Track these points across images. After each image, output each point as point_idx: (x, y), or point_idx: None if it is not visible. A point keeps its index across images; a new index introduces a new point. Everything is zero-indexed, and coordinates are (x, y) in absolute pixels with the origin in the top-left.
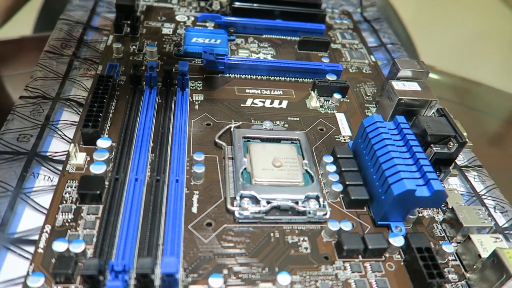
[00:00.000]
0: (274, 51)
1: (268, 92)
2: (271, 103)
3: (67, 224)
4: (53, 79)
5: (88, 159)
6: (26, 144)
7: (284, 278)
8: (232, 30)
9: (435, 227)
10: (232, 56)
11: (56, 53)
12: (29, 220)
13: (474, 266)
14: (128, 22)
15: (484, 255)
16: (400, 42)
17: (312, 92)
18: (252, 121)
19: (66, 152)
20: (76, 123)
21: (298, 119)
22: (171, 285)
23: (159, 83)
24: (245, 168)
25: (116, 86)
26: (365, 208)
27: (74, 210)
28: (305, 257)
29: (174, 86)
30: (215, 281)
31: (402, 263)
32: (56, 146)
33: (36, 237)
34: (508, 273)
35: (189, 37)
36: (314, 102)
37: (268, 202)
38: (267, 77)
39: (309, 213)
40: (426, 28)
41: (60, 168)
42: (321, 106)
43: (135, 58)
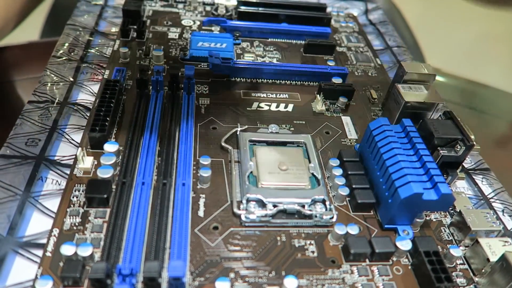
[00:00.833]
0: (280, 55)
1: (274, 96)
2: (277, 107)
3: (75, 228)
4: (61, 84)
5: (96, 163)
6: (35, 149)
7: (291, 282)
8: (238, 34)
9: (443, 231)
10: (238, 60)
11: (64, 58)
12: (38, 224)
13: (483, 270)
14: (135, 27)
15: (493, 259)
16: (406, 45)
17: (318, 96)
18: (258, 125)
19: (74, 156)
20: (84, 127)
21: (304, 123)
22: None
23: (166, 87)
24: (251, 172)
25: (123, 91)
26: (372, 212)
27: (82, 214)
28: (312, 261)
29: (180, 90)
30: (222, 285)
31: (410, 267)
32: (64, 150)
33: (44, 241)
34: None
35: (195, 41)
36: (320, 106)
37: (275, 206)
38: (273, 81)
39: (316, 217)
40: (432, 31)
41: (68, 172)
42: (327, 110)
43: (142, 63)
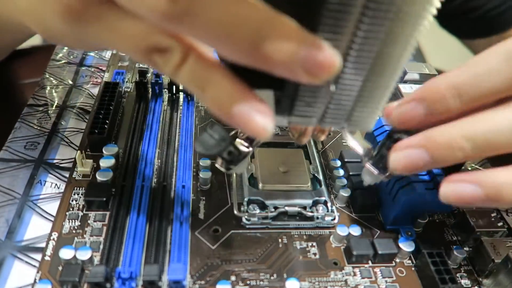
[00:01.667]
0: None
1: None
2: None
3: (74, 231)
4: (60, 87)
5: (95, 166)
6: (33, 152)
7: (293, 285)
8: None
9: (446, 232)
10: None
11: (63, 62)
12: (36, 228)
13: (487, 271)
14: None
15: (498, 260)
16: None
17: None
18: None
19: (73, 159)
20: (83, 130)
21: None
22: None
23: (165, 90)
24: (252, 174)
25: (123, 93)
26: (374, 213)
27: (81, 217)
28: (314, 263)
29: (180, 92)
30: None
31: (413, 269)
32: (63, 154)
33: (43, 245)
34: None
35: None
36: None
37: (276, 208)
38: None
39: (317, 218)
40: (433, 31)
41: (67, 175)
42: None
43: (141, 65)
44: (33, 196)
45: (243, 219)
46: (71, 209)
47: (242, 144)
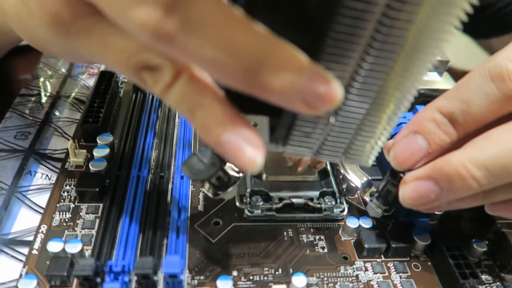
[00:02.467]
0: None
1: None
2: None
3: (65, 224)
4: (55, 78)
5: (89, 157)
6: (24, 142)
7: (300, 280)
8: None
9: (464, 225)
10: None
11: None
12: (24, 220)
13: (510, 266)
14: None
15: None
16: None
17: None
18: None
19: (66, 150)
20: (78, 121)
21: None
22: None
23: None
24: None
25: (120, 84)
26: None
27: (72, 209)
28: (322, 257)
29: None
30: (224, 284)
31: (429, 263)
32: (56, 144)
33: (31, 238)
34: None
35: None
36: None
37: (280, 199)
38: None
39: (325, 210)
40: None
41: (59, 166)
42: None
43: None
44: (22, 188)
45: (246, 211)
46: (62, 201)
47: (233, 169)
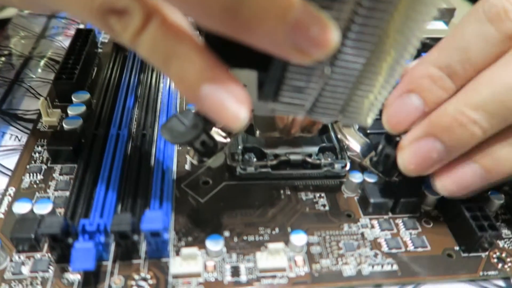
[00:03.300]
0: None
1: None
2: None
3: (35, 186)
4: (28, 39)
5: (64, 117)
6: None
7: (299, 238)
8: None
9: None
10: None
11: (33, 14)
12: None
13: None
14: None
15: None
16: None
17: None
18: None
19: (39, 111)
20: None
21: None
22: (159, 249)
23: None
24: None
25: (99, 44)
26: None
27: (45, 171)
28: (323, 215)
29: None
30: (214, 244)
31: (441, 219)
32: (29, 105)
33: None
34: None
35: None
36: None
37: (276, 156)
38: None
39: (325, 166)
40: None
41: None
42: None
43: None
44: None
45: (238, 169)
46: (33, 162)
47: (219, 134)
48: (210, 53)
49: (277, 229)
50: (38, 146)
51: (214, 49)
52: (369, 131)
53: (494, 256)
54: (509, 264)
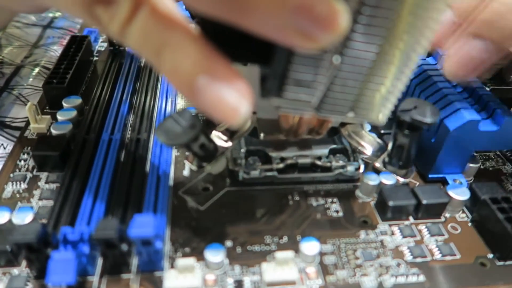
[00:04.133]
0: None
1: None
2: None
3: (18, 196)
4: (21, 47)
5: (54, 123)
6: None
7: (311, 247)
8: None
9: (505, 180)
10: None
11: (25, 22)
12: None
13: None
14: None
15: None
16: None
17: None
18: None
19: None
20: None
21: None
22: (152, 260)
23: None
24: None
25: (95, 52)
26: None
27: (30, 180)
28: (337, 222)
29: None
30: (214, 254)
31: (470, 224)
32: (18, 113)
33: None
34: None
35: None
36: None
37: (282, 159)
38: None
39: (337, 169)
40: None
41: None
42: None
43: None
44: None
45: (241, 173)
46: (18, 170)
47: (220, 138)
48: (206, 42)
49: (286, 238)
50: (24, 154)
51: (211, 41)
52: (383, 131)
53: None
54: None
